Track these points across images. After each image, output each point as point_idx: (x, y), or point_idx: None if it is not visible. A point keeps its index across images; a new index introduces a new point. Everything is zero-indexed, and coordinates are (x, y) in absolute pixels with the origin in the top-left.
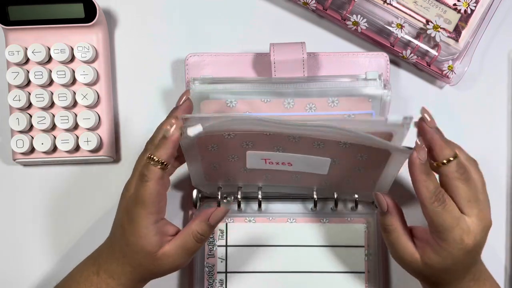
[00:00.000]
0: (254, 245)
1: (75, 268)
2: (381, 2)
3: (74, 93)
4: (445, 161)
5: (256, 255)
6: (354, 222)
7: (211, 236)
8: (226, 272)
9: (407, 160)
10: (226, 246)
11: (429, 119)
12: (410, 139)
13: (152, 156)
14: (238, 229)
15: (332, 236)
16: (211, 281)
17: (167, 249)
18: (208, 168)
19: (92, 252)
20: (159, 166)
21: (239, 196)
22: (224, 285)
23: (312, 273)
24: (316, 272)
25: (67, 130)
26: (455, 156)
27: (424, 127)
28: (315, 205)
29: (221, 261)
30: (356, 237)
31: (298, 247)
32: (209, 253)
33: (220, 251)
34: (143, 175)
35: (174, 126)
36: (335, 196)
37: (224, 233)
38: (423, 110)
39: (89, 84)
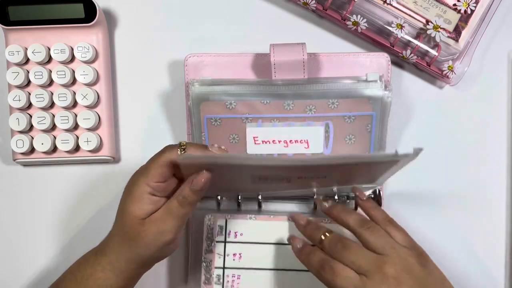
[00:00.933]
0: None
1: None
2: (381, 2)
3: (74, 93)
4: (318, 242)
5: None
6: None
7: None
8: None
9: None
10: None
11: (301, 222)
12: None
13: (180, 142)
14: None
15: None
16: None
17: (153, 215)
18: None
19: None
20: (178, 148)
21: (239, 200)
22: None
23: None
24: None
25: (67, 130)
26: (323, 237)
27: (299, 227)
28: (315, 207)
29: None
30: None
31: None
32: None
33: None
34: (162, 151)
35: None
36: (335, 196)
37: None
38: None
39: (89, 84)
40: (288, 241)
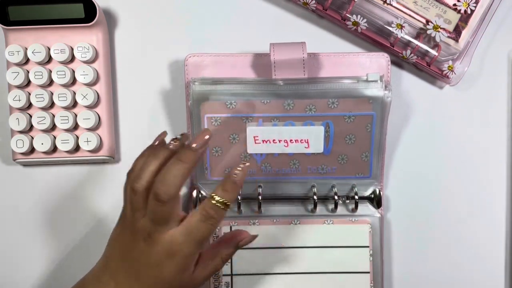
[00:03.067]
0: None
1: None
2: (381, 2)
3: (74, 93)
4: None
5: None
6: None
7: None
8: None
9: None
10: None
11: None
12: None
13: (218, 198)
14: None
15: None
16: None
17: (198, 275)
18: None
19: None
20: (223, 207)
21: (239, 197)
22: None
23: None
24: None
25: (67, 130)
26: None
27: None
28: (315, 206)
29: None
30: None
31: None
32: None
33: None
34: (211, 217)
35: (242, 172)
36: (334, 191)
37: None
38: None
39: (89, 84)
40: None
